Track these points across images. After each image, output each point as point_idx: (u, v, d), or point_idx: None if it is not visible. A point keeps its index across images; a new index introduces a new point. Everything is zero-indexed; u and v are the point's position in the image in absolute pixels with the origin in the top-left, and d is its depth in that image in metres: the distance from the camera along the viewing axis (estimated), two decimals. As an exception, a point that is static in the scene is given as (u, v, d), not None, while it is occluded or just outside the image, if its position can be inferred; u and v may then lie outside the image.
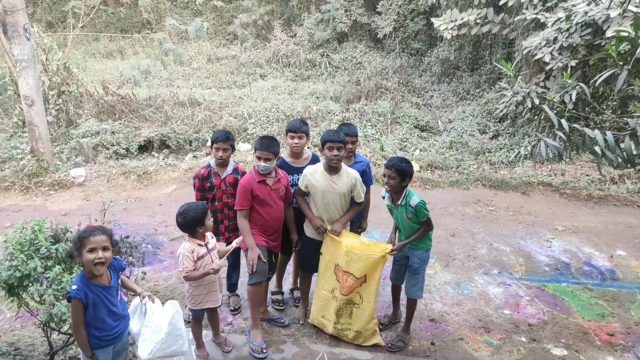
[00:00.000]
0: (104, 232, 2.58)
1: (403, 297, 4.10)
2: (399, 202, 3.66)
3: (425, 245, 3.76)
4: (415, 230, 3.68)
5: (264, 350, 3.65)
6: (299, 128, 3.96)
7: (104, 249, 2.54)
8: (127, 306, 2.88)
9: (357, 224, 4.23)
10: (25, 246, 3.13)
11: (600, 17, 6.25)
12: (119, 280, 2.79)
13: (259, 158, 3.62)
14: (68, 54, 10.71)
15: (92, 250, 2.51)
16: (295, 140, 3.96)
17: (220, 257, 3.49)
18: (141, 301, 2.83)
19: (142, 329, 2.73)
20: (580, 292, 4.82)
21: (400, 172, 3.55)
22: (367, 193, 4.05)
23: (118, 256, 2.97)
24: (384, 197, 3.83)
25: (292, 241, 4.03)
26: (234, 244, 3.55)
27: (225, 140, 3.95)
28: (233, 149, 4.06)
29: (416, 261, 3.76)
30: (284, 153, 4.16)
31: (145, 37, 14.31)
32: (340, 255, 3.73)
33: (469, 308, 4.49)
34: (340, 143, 3.65)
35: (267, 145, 3.63)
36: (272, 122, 10.07)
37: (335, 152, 3.63)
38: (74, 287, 2.52)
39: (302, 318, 4.11)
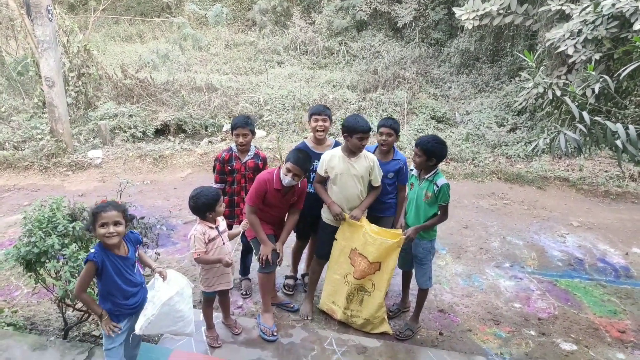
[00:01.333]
0: (115, 207, 2.63)
1: (413, 286, 4.11)
2: (425, 176, 3.61)
3: (430, 236, 3.74)
4: (424, 212, 3.64)
5: (275, 333, 3.70)
6: (322, 111, 3.97)
7: (116, 223, 2.60)
8: (145, 280, 2.94)
9: (392, 218, 4.09)
10: (43, 223, 3.20)
11: (628, 10, 6.08)
12: (136, 254, 2.85)
13: (288, 170, 3.55)
14: (89, 37, 10.82)
15: (103, 225, 2.58)
16: (320, 123, 3.95)
17: (230, 239, 3.53)
18: (153, 276, 2.89)
19: (147, 303, 2.79)
20: (592, 288, 4.76)
21: (426, 151, 3.50)
22: (403, 191, 4.00)
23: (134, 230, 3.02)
24: (411, 170, 3.80)
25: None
26: (241, 228, 3.59)
27: (244, 125, 3.96)
28: (253, 133, 4.07)
29: (420, 251, 3.75)
30: (307, 139, 4.17)
31: (164, 22, 14.36)
32: (358, 238, 3.74)
33: (479, 300, 4.47)
34: (369, 133, 3.66)
35: (302, 162, 3.57)
36: (287, 110, 10.06)
37: (365, 142, 3.65)
38: (92, 250, 2.60)
39: (309, 313, 4.06)
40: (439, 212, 3.64)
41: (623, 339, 3.99)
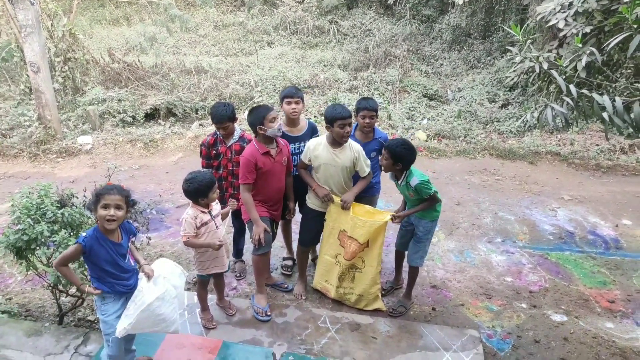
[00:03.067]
0: (120, 191, 2.63)
1: (405, 264, 4.14)
2: (399, 182, 3.66)
3: (432, 216, 3.74)
4: (419, 204, 3.67)
5: (268, 314, 3.73)
6: (295, 93, 3.93)
7: (117, 207, 2.60)
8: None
9: (375, 197, 4.15)
10: (31, 210, 3.19)
11: (618, -19, 6.02)
12: (129, 244, 2.85)
13: (270, 121, 3.54)
14: (73, 20, 10.59)
15: (105, 207, 2.58)
16: (292, 106, 3.92)
17: (223, 219, 3.53)
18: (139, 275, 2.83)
19: (129, 302, 2.72)
20: (583, 260, 4.83)
21: (393, 155, 3.50)
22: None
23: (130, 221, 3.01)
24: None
25: (289, 208, 4.01)
26: (229, 206, 3.58)
27: (220, 121, 3.83)
28: (234, 120, 3.96)
29: (421, 230, 3.77)
30: (280, 122, 4.13)
31: (151, 3, 14.06)
32: (346, 221, 3.75)
33: (471, 275, 4.52)
34: (350, 119, 3.59)
35: (266, 108, 3.60)
36: (278, 90, 9.96)
37: (347, 128, 3.57)
38: (83, 234, 2.62)
39: (303, 293, 4.08)
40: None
41: (612, 308, 4.06)
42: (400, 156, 3.49)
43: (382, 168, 3.68)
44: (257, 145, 3.63)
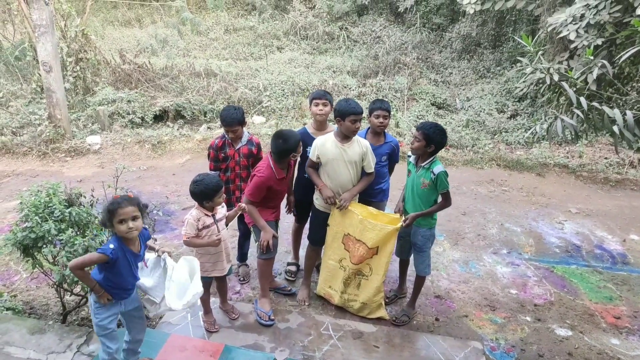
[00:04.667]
0: (130, 202, 2.61)
1: (410, 272, 4.12)
2: (422, 164, 3.58)
3: (429, 224, 3.71)
4: (424, 199, 3.61)
5: (271, 318, 3.73)
6: (323, 95, 3.98)
7: (134, 218, 2.59)
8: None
9: (384, 203, 4.16)
10: (40, 209, 3.22)
11: (631, -7, 6.01)
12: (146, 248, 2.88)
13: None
14: (86, 21, 10.72)
15: (121, 222, 2.56)
16: (320, 107, 3.94)
17: (228, 222, 3.53)
18: (160, 256, 2.94)
19: (166, 282, 2.85)
20: (589, 274, 4.78)
21: (427, 136, 3.46)
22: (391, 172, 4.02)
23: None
24: (409, 157, 3.77)
25: (288, 202, 4.13)
26: (236, 209, 3.58)
27: (230, 124, 3.86)
28: (244, 124, 3.99)
29: (419, 239, 3.73)
30: (307, 125, 4.17)
31: (163, 6, 14.20)
32: (353, 224, 3.73)
33: (476, 286, 4.49)
34: (362, 115, 3.64)
35: (294, 143, 3.60)
36: (287, 95, 10.01)
37: (358, 124, 3.62)
38: (111, 246, 2.58)
39: (307, 299, 4.07)
40: (439, 200, 3.63)
41: (618, 324, 4.02)
42: (433, 137, 3.46)
43: (412, 150, 3.62)
44: (275, 170, 3.62)
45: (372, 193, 4.00)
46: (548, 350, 3.67)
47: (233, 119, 3.85)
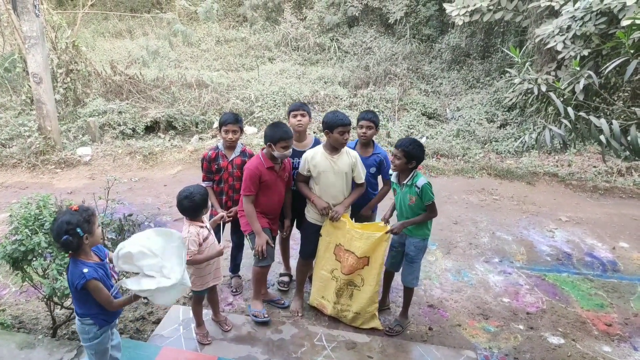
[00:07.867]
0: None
1: (395, 285, 4.14)
2: (404, 182, 3.61)
3: (423, 234, 3.72)
4: (415, 214, 3.64)
5: (266, 315, 3.76)
6: (300, 106, 4.01)
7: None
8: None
9: (374, 214, 4.18)
10: (30, 221, 3.18)
11: (616, 6, 6.13)
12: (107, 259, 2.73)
13: (284, 147, 3.59)
14: (77, 33, 10.70)
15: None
16: (298, 118, 3.97)
17: (214, 226, 3.52)
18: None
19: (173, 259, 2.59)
20: (580, 282, 4.82)
21: (407, 154, 3.51)
22: (387, 185, 3.97)
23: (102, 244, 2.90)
24: (390, 175, 3.80)
25: (284, 226, 4.07)
26: (218, 218, 3.54)
27: (234, 122, 3.95)
28: (242, 131, 4.08)
29: (412, 249, 3.74)
30: (290, 150, 4.17)
31: (154, 17, 14.24)
32: (342, 235, 3.75)
33: (468, 295, 4.51)
34: (350, 126, 3.66)
35: (285, 131, 3.61)
36: (279, 106, 10.04)
37: (346, 136, 3.65)
38: (85, 270, 2.46)
39: (300, 310, 4.06)
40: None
41: (609, 332, 4.04)
42: (414, 153, 3.52)
43: (393, 168, 3.65)
44: (262, 159, 3.69)
45: (361, 204, 4.02)
46: (541, 359, 3.68)
47: (235, 117, 3.98)
